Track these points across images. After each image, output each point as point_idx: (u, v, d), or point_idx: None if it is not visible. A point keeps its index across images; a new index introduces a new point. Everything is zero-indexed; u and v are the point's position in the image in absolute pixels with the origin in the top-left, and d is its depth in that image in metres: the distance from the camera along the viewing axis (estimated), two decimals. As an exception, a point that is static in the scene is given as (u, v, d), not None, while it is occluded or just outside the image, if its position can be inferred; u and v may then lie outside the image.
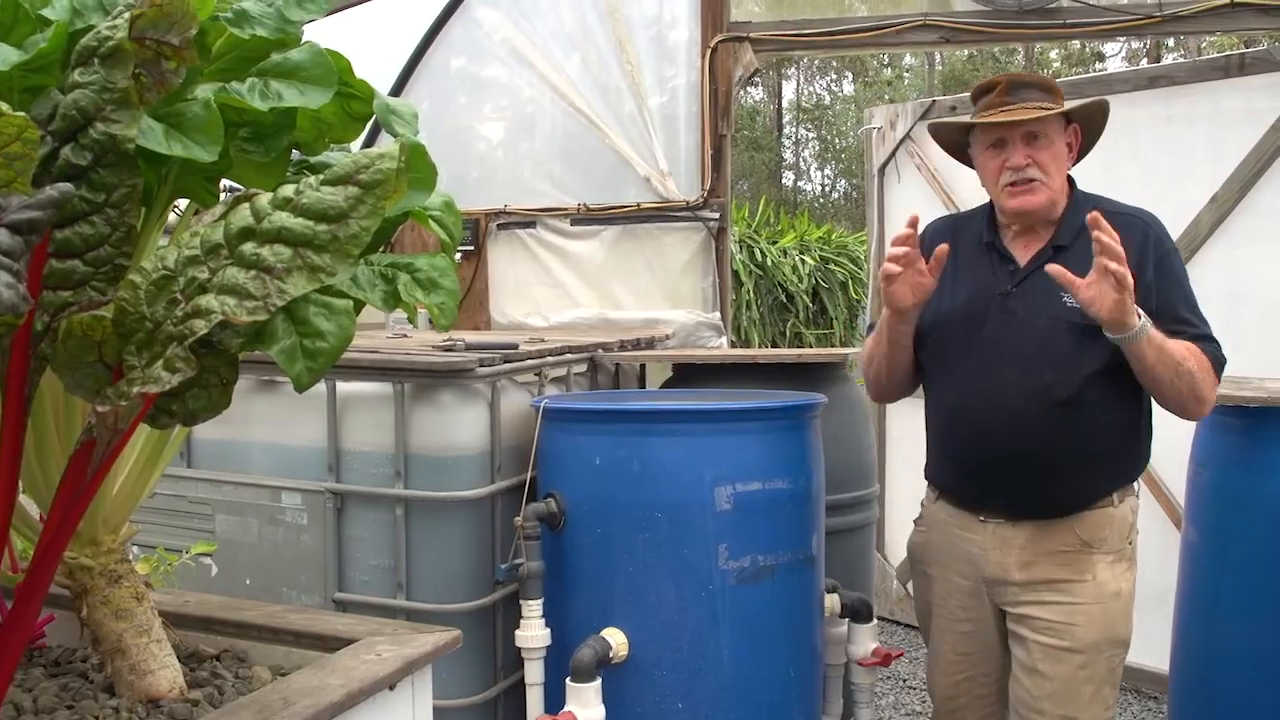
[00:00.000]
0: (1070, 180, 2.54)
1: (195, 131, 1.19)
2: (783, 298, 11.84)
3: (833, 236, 13.69)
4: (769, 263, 11.65)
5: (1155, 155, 4.35)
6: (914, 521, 2.75)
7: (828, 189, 26.93)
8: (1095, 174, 2.97)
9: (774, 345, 11.41)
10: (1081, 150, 2.54)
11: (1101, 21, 3.93)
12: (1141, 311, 2.22)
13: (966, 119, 2.53)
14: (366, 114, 1.50)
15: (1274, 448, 2.81)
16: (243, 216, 1.04)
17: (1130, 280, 2.14)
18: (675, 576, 2.49)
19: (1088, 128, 2.52)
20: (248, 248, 1.01)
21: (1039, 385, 2.39)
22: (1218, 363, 2.38)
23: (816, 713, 2.75)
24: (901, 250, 2.33)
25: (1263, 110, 4.05)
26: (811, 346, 11.49)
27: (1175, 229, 4.15)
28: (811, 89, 27.93)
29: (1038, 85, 2.47)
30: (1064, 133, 2.47)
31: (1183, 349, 2.30)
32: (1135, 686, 4.52)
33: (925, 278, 2.36)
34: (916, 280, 2.36)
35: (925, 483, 2.70)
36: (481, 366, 2.65)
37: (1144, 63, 19.49)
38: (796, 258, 12.27)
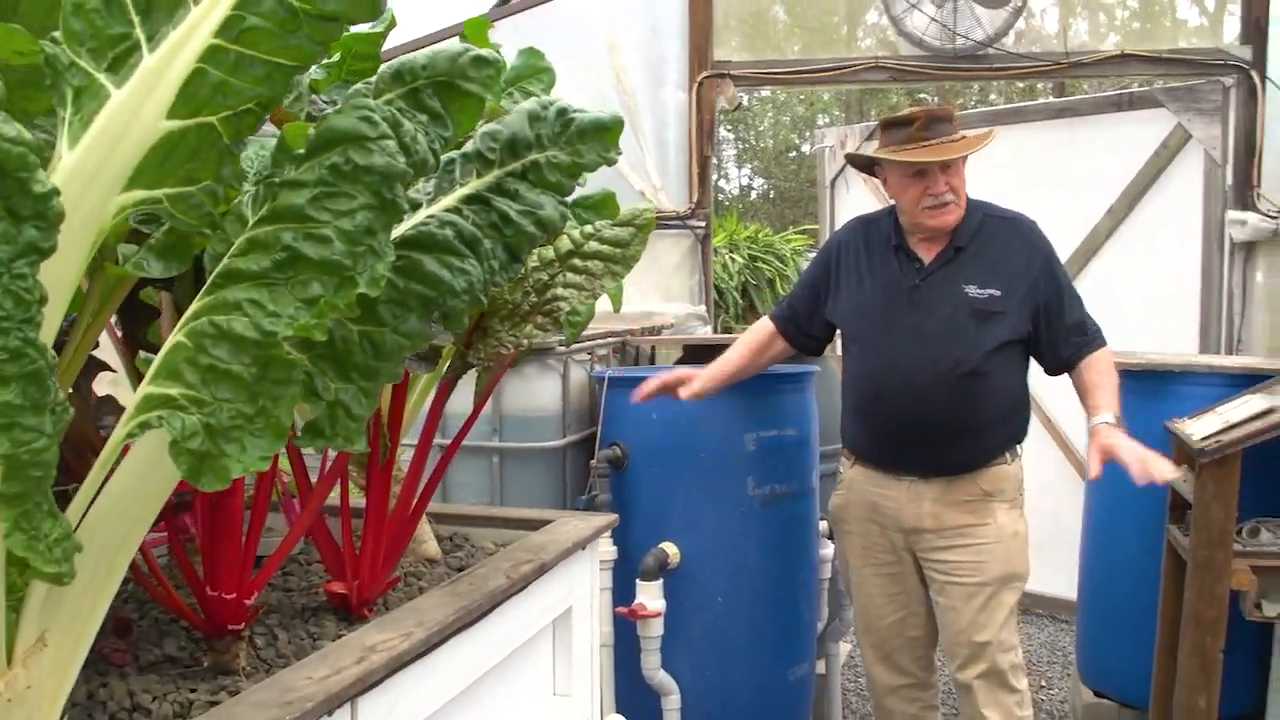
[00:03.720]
0: None
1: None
2: (714, 293, 12.51)
3: (760, 236, 14.39)
4: (701, 260, 12.32)
5: (1063, 173, 5.17)
6: (835, 488, 3.15)
7: (746, 188, 27.83)
8: (1011, 186, 3.73)
9: (709, 338, 12.08)
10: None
11: (1020, 66, 4.73)
12: (1110, 417, 2.74)
13: (897, 157, 2.78)
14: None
15: (1154, 401, 3.49)
16: (564, 243, 1.79)
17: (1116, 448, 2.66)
18: (716, 502, 3.17)
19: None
20: (576, 261, 1.76)
21: (948, 361, 2.77)
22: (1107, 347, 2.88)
23: (816, 609, 3.51)
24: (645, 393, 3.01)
25: (1147, 139, 4.91)
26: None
27: (1079, 234, 5.05)
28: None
29: (947, 118, 2.81)
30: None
31: (1111, 380, 2.81)
32: (1050, 613, 5.25)
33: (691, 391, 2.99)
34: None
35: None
36: (559, 346, 3.37)
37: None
38: (727, 256, 12.83)
